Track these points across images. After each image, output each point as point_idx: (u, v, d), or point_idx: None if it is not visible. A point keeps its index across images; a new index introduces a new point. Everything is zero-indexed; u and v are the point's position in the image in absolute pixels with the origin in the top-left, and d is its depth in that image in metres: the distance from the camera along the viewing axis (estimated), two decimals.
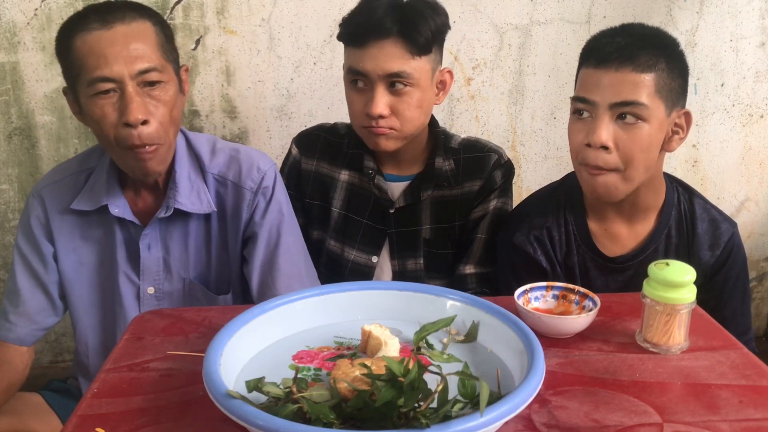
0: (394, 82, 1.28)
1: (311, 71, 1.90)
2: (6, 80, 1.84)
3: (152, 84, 1.13)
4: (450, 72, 1.38)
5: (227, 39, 1.86)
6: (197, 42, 1.86)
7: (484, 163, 1.42)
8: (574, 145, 1.21)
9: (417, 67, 1.28)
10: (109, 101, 1.11)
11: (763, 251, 2.26)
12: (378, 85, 1.29)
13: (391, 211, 1.42)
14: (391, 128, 1.31)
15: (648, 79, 1.13)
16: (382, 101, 1.28)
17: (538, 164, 2.05)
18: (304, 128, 1.54)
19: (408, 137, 1.35)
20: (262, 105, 1.92)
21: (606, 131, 1.14)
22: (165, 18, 1.79)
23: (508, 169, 1.44)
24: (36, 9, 1.79)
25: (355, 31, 1.30)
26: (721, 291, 1.28)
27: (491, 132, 2.01)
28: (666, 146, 1.20)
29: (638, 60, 1.13)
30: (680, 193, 1.30)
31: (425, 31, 1.27)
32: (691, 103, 2.04)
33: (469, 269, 1.41)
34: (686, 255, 1.27)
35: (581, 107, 1.18)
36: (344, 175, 1.45)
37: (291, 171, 1.48)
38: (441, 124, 1.96)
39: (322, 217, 1.47)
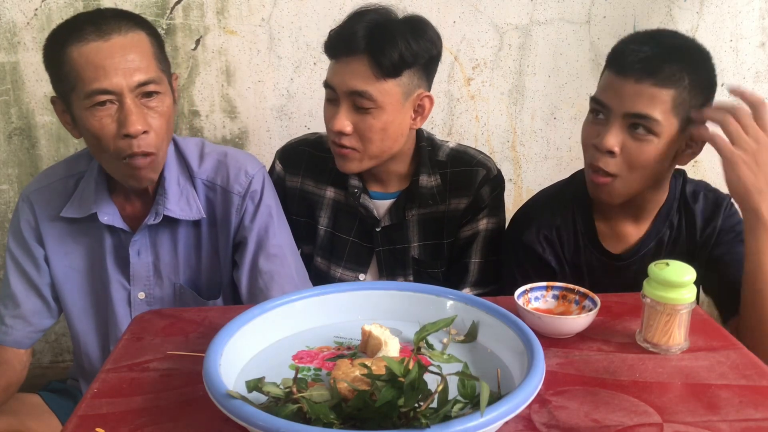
0: (357, 100, 1.25)
1: (311, 71, 1.90)
2: (6, 80, 1.84)
3: (150, 95, 1.13)
4: (430, 98, 1.32)
5: (227, 39, 1.86)
6: (197, 42, 1.86)
7: (471, 179, 1.37)
8: (585, 142, 1.22)
9: (382, 89, 1.24)
10: (106, 113, 1.11)
11: None
12: (343, 101, 1.26)
13: (378, 229, 1.40)
14: (353, 148, 1.28)
15: (666, 94, 1.12)
16: (343, 117, 1.26)
17: (538, 164, 2.05)
18: (304, 128, 1.53)
19: (374, 159, 1.31)
20: (262, 105, 1.92)
21: (615, 137, 1.15)
22: (165, 18, 1.80)
23: (496, 184, 1.39)
24: (36, 9, 1.79)
25: (329, 43, 1.29)
26: (728, 250, 1.26)
27: (491, 132, 2.01)
28: (678, 160, 1.20)
29: (661, 74, 1.12)
30: (675, 180, 1.30)
31: (392, 55, 1.21)
32: None
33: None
34: (689, 236, 1.28)
35: (597, 109, 1.19)
36: (330, 193, 1.42)
37: (275, 187, 1.43)
38: (441, 124, 1.97)
39: (308, 234, 1.45)
